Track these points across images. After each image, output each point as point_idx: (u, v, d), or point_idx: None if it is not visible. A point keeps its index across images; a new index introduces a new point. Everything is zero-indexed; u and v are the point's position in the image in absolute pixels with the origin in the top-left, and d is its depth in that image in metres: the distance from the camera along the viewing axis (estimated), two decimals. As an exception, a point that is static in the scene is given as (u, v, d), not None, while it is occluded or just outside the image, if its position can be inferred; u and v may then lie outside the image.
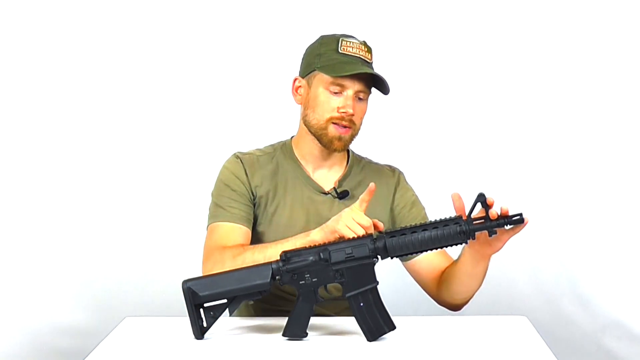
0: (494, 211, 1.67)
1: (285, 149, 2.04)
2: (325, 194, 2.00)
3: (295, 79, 1.99)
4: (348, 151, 2.06)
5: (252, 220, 1.98)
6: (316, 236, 1.78)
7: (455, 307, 2.00)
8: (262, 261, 1.77)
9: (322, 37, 1.96)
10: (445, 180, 2.90)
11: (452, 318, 1.90)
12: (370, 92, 1.95)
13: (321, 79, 1.91)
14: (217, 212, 1.97)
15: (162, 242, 3.01)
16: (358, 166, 2.06)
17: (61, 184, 3.01)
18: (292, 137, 2.06)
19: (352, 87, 1.90)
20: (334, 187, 2.01)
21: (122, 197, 3.02)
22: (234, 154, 2.04)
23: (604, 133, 3.02)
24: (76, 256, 3.01)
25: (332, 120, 1.91)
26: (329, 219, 1.88)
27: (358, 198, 1.99)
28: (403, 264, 2.04)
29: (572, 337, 2.98)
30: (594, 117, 3.03)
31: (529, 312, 2.41)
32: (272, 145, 2.08)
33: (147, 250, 3.01)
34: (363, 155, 2.12)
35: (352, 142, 1.97)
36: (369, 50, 1.94)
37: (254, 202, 1.99)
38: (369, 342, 1.70)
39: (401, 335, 1.74)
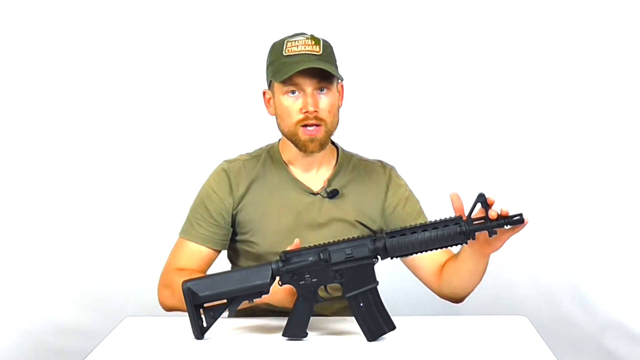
0: (494, 211, 1.67)
1: (272, 152, 2.03)
2: (314, 194, 1.99)
3: (265, 92, 1.99)
4: (337, 149, 2.05)
5: (223, 240, 2.00)
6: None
7: (456, 300, 1.99)
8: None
9: (273, 44, 1.95)
10: (445, 180, 2.90)
11: (452, 318, 1.90)
12: (332, 83, 1.90)
13: (278, 86, 1.90)
14: (187, 226, 2.01)
15: (162, 243, 2.98)
16: (348, 165, 2.03)
17: (61, 185, 3.02)
18: (280, 139, 2.05)
19: (308, 85, 1.87)
20: (324, 187, 1.99)
21: (122, 197, 3.03)
22: (221, 164, 2.04)
23: (604, 133, 3.02)
24: (76, 256, 3.01)
25: (300, 123, 1.89)
26: (319, 219, 1.92)
27: (348, 196, 1.99)
28: (402, 260, 2.03)
29: (572, 337, 2.98)
30: (594, 117, 3.03)
31: (529, 312, 2.40)
32: (260, 149, 2.07)
33: (147, 250, 3.01)
34: (355, 151, 2.09)
35: (330, 137, 1.93)
36: (317, 42, 1.89)
37: (234, 213, 1.99)
38: (369, 342, 1.70)
39: (401, 335, 1.74)
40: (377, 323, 1.71)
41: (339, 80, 1.93)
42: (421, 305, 2.53)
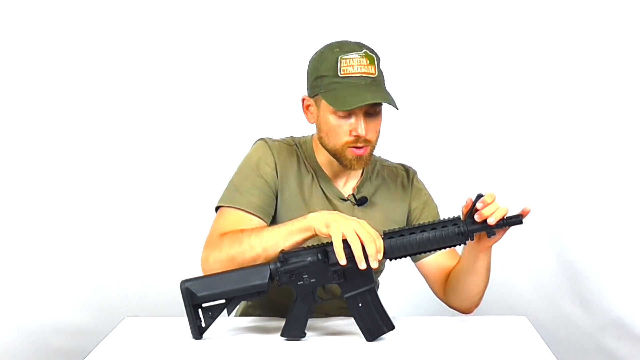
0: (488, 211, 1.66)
1: (305, 148, 1.98)
2: (344, 200, 1.96)
3: (304, 99, 1.92)
4: None
5: (271, 213, 1.91)
6: (313, 222, 1.70)
7: (464, 310, 1.95)
8: (258, 245, 1.73)
9: (322, 52, 1.87)
10: (446, 180, 2.90)
11: (452, 318, 1.90)
12: (381, 104, 1.86)
13: (327, 105, 1.84)
14: (234, 196, 1.87)
15: (161, 243, 3.01)
16: (373, 171, 2.01)
17: (61, 185, 3.02)
18: (313, 135, 1.98)
19: (360, 110, 1.82)
20: (353, 194, 1.96)
21: (122, 197, 3.03)
22: (262, 138, 1.97)
23: (605, 133, 3.02)
24: (76, 256, 3.01)
25: (347, 145, 1.84)
26: None
27: (376, 204, 1.97)
28: (415, 265, 2.00)
29: (572, 337, 2.98)
30: (595, 119, 3.03)
31: (529, 312, 2.41)
32: (292, 139, 2.00)
33: (146, 250, 3.01)
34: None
35: (372, 156, 1.91)
36: (372, 60, 1.83)
37: (277, 192, 1.92)
38: (368, 342, 1.70)
39: (401, 335, 1.73)
40: (376, 323, 1.70)
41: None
42: (421, 305, 2.53)
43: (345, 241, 1.65)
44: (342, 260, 1.64)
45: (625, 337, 2.97)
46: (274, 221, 1.91)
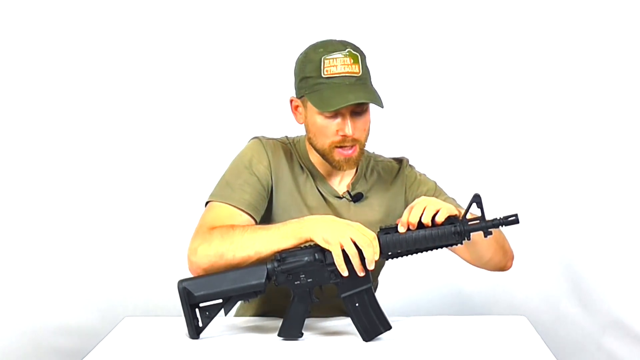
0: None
1: (299, 147, 1.98)
2: (340, 198, 1.96)
3: (292, 100, 1.93)
4: None
5: (262, 211, 1.90)
6: (311, 233, 1.70)
7: (499, 268, 1.94)
8: (250, 246, 1.72)
9: (307, 53, 1.88)
10: (445, 181, 2.89)
11: (452, 318, 1.90)
12: (368, 103, 1.86)
13: (313, 106, 1.85)
14: (225, 192, 1.87)
15: (161, 243, 3.00)
16: (367, 167, 2.01)
17: (61, 185, 3.01)
18: (306, 135, 1.97)
19: (346, 109, 1.83)
20: (348, 191, 1.97)
21: (121, 197, 3.02)
22: (256, 137, 1.97)
23: (605, 133, 3.02)
24: (76, 256, 3.01)
25: (335, 145, 1.85)
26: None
27: (373, 199, 1.97)
28: None
29: (572, 337, 2.98)
30: (594, 118, 3.02)
31: (529, 312, 2.40)
32: (287, 138, 2.01)
33: (146, 250, 3.01)
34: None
35: (362, 155, 1.91)
36: (355, 59, 1.83)
37: (271, 191, 1.92)
38: (365, 342, 1.70)
39: (399, 335, 1.74)
40: (372, 323, 1.70)
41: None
42: (421, 305, 2.53)
43: (343, 250, 1.66)
44: (345, 272, 1.67)
45: (625, 337, 2.96)
46: (269, 220, 1.91)
